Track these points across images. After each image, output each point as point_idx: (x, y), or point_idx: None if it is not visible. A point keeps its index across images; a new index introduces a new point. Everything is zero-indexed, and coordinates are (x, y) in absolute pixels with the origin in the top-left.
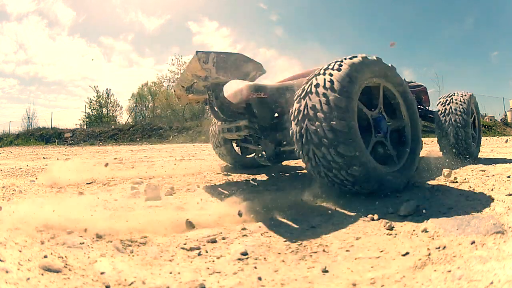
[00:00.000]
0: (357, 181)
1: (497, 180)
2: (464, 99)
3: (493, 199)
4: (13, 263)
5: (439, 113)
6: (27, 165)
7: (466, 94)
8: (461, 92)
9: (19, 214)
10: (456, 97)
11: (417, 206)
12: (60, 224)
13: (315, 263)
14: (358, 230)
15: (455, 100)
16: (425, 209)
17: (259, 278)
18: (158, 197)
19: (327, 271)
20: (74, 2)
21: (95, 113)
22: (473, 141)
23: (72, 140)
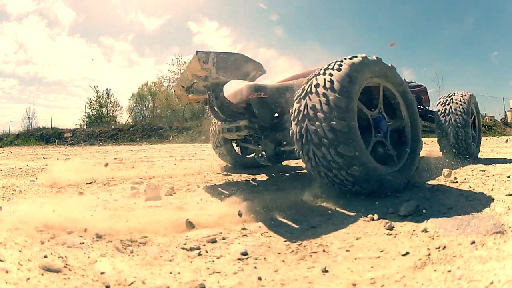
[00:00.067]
0: (357, 181)
1: (497, 180)
2: (464, 99)
3: (493, 199)
4: (13, 263)
5: (439, 113)
6: (27, 165)
7: (466, 94)
8: (461, 92)
9: (19, 214)
10: (456, 97)
11: (417, 206)
12: (60, 224)
13: (315, 263)
14: (358, 230)
15: (455, 100)
16: (425, 209)
17: (259, 278)
18: (158, 197)
19: (327, 271)
20: (74, 2)
21: (95, 113)
22: (473, 141)
23: (72, 140)
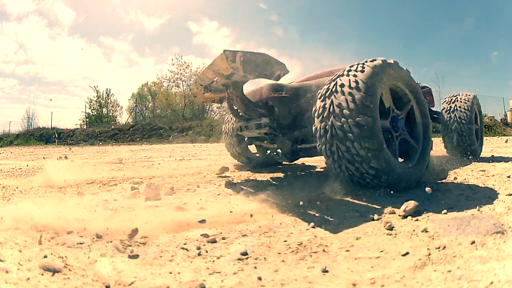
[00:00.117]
0: (378, 174)
1: (497, 180)
2: (469, 98)
3: (493, 199)
4: (13, 263)
5: (444, 111)
6: (27, 165)
7: (470, 94)
8: (465, 92)
9: (19, 214)
10: (461, 96)
11: (417, 206)
12: (60, 224)
13: (315, 263)
14: (358, 230)
15: (460, 99)
16: (425, 209)
17: (259, 278)
18: (158, 197)
19: (327, 271)
20: (74, 2)
21: (95, 113)
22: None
23: (72, 140)
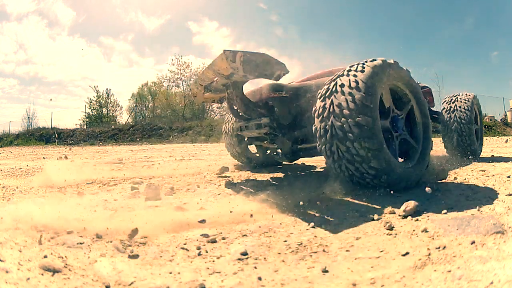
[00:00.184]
0: (378, 174)
1: (497, 180)
2: (468, 98)
3: (493, 199)
4: (13, 263)
5: (444, 111)
6: (27, 165)
7: (470, 95)
8: (465, 92)
9: (19, 214)
10: (461, 96)
11: (417, 206)
12: (60, 224)
13: (315, 263)
14: (358, 230)
15: (460, 99)
16: (425, 209)
17: (259, 278)
18: (158, 197)
19: (327, 271)
20: (74, 2)
21: (95, 113)
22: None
23: (72, 140)
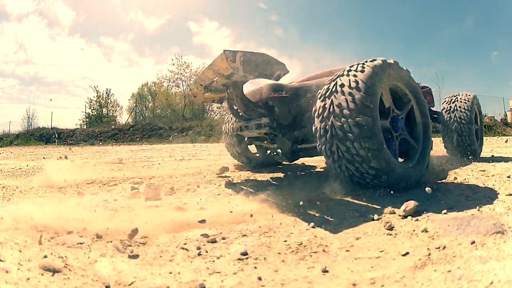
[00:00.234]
0: (378, 174)
1: (497, 180)
2: (468, 98)
3: (493, 199)
4: (13, 263)
5: (444, 111)
6: (27, 165)
7: (470, 95)
8: (465, 92)
9: (19, 214)
10: (461, 96)
11: (417, 206)
12: (60, 224)
13: (315, 263)
14: (358, 230)
15: (460, 99)
16: (425, 209)
17: (259, 278)
18: (158, 197)
19: (327, 271)
20: (74, 2)
21: (95, 113)
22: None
23: (72, 140)
